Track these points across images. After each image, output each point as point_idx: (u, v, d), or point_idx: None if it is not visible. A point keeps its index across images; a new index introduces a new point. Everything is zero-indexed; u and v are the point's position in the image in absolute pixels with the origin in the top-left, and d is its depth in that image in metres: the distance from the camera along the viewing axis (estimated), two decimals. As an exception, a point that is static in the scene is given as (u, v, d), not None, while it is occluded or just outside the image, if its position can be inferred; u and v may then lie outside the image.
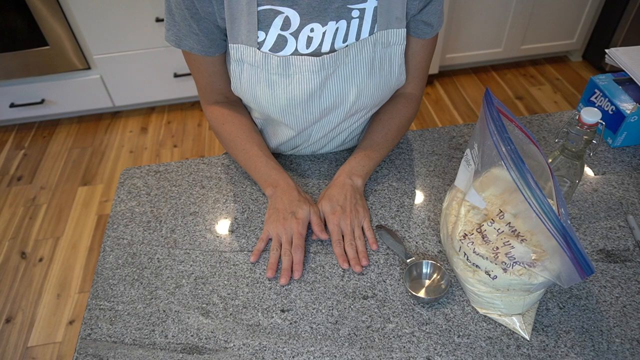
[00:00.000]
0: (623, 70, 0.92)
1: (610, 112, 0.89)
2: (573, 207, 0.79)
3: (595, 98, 0.92)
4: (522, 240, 0.59)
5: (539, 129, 0.95)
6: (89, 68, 2.22)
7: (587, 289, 0.68)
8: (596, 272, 0.70)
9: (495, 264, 0.59)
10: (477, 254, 0.61)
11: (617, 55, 0.94)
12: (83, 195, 2.07)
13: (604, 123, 0.84)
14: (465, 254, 0.63)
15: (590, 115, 0.62)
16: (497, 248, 0.59)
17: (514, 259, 0.58)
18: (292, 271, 0.72)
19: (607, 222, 0.77)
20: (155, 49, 2.18)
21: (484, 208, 0.64)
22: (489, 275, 0.60)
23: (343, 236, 0.75)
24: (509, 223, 0.60)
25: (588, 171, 0.86)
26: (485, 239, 0.61)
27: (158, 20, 2.07)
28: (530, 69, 2.63)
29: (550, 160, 0.70)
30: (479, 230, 0.62)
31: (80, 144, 2.34)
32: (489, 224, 0.61)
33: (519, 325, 0.63)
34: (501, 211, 0.61)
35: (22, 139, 2.39)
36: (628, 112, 0.86)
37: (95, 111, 2.49)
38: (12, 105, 2.27)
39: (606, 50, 0.95)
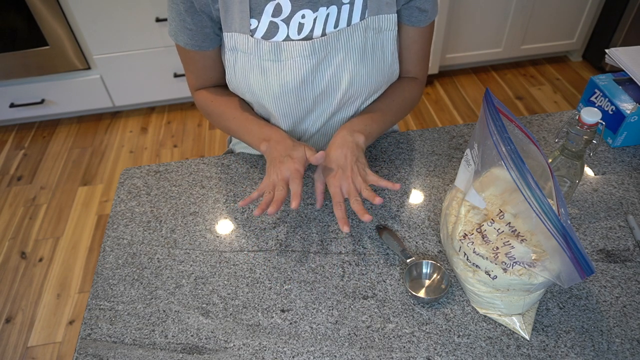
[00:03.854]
0: (623, 70, 0.92)
1: (610, 112, 0.89)
2: (573, 207, 0.79)
3: (595, 98, 0.92)
4: (522, 240, 0.59)
5: (539, 129, 0.95)
6: (89, 68, 2.22)
7: (587, 289, 0.68)
8: (596, 272, 0.70)
9: (495, 264, 0.59)
10: (477, 254, 0.61)
11: (617, 55, 0.94)
12: (83, 195, 2.07)
13: (604, 123, 0.84)
14: (465, 254, 0.63)
15: (590, 115, 0.62)
16: (497, 248, 0.59)
17: (514, 259, 0.58)
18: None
19: (607, 222, 0.77)
20: (155, 49, 2.18)
21: (484, 208, 0.64)
22: (489, 275, 0.60)
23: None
24: (509, 223, 0.60)
25: (588, 171, 0.86)
26: (485, 239, 0.61)
27: (158, 20, 2.07)
28: (530, 69, 2.63)
29: (550, 160, 0.70)
30: (479, 230, 0.62)
31: (80, 144, 2.34)
32: (489, 224, 0.61)
33: (519, 325, 0.63)
34: (501, 211, 0.61)
35: (22, 139, 2.39)
36: (628, 112, 0.86)
37: (95, 111, 2.49)
38: (12, 105, 2.27)
39: (606, 50, 0.95)
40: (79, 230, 1.91)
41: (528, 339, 0.62)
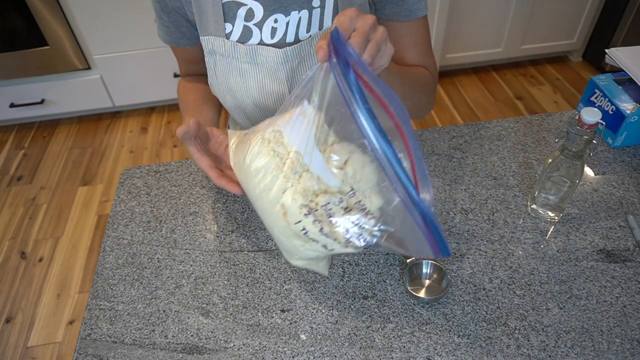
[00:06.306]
0: (623, 70, 0.92)
1: (610, 112, 0.89)
2: (573, 207, 0.79)
3: (595, 98, 0.92)
4: (371, 218, 0.53)
5: (539, 129, 0.95)
6: (89, 68, 2.22)
7: (587, 289, 0.68)
8: (596, 272, 0.70)
9: (339, 242, 0.55)
10: (325, 234, 0.55)
11: (617, 55, 0.94)
12: (83, 195, 2.07)
13: (604, 123, 0.84)
14: (304, 229, 0.55)
15: (590, 115, 0.62)
16: (347, 231, 0.54)
17: (369, 242, 0.54)
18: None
19: (607, 222, 0.77)
20: (155, 49, 2.18)
21: (334, 185, 0.54)
22: (326, 248, 0.56)
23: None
24: (360, 201, 0.53)
25: (588, 171, 0.86)
26: (331, 218, 0.54)
27: (158, 20, 2.07)
28: (530, 69, 2.63)
29: (550, 160, 0.70)
30: (323, 207, 0.54)
31: (80, 144, 2.34)
32: (337, 202, 0.53)
33: (324, 268, 0.64)
34: (352, 189, 0.53)
35: (22, 139, 2.39)
36: (628, 112, 0.86)
37: (95, 111, 2.49)
38: (12, 105, 2.27)
39: (606, 50, 0.95)
40: (79, 230, 1.92)
41: (328, 275, 0.65)
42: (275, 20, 0.72)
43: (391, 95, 0.49)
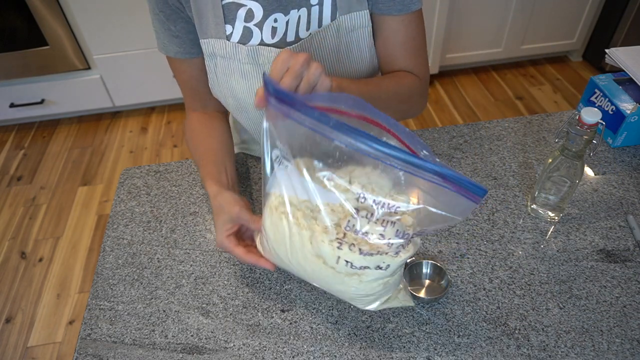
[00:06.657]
0: (623, 70, 0.92)
1: (610, 112, 0.89)
2: (573, 207, 0.79)
3: (595, 98, 0.92)
4: (396, 207, 0.51)
5: (539, 129, 0.95)
6: (89, 68, 2.22)
7: (587, 289, 0.68)
8: (596, 272, 0.70)
9: (387, 253, 0.52)
10: (366, 254, 0.52)
11: (617, 55, 0.94)
12: (83, 195, 2.07)
13: (604, 123, 0.84)
14: (348, 262, 0.53)
15: (590, 115, 0.62)
16: (382, 236, 0.51)
17: (408, 235, 0.51)
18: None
19: (607, 222, 0.77)
20: (155, 49, 2.16)
21: (338, 203, 0.52)
22: (381, 268, 0.53)
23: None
24: (374, 200, 0.51)
25: (588, 171, 0.86)
26: (358, 232, 0.51)
27: (158, 20, 2.07)
28: (530, 69, 2.63)
29: (550, 161, 0.70)
30: (348, 228, 0.52)
31: (80, 144, 2.34)
32: (355, 214, 0.51)
33: (405, 297, 0.60)
34: (362, 194, 0.52)
35: (22, 139, 2.39)
36: (628, 112, 0.86)
37: (95, 111, 2.49)
38: (12, 105, 2.27)
39: (606, 50, 0.95)
40: (79, 230, 1.92)
41: (414, 304, 0.62)
42: (275, 20, 0.72)
43: (332, 97, 0.49)
